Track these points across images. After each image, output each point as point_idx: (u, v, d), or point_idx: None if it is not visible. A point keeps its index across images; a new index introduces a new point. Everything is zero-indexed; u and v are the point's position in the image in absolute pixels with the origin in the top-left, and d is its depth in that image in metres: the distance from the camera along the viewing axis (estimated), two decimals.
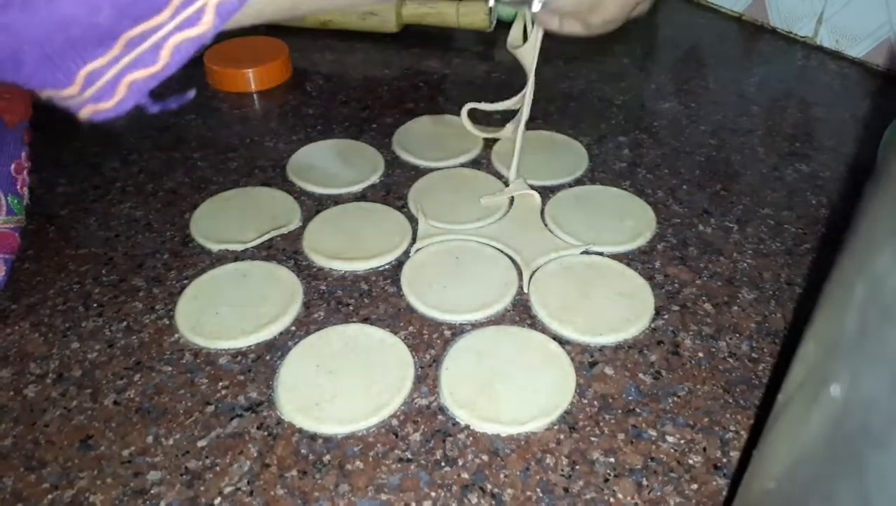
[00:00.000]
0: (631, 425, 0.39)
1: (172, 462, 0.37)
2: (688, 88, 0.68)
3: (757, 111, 0.64)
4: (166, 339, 0.44)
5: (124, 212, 0.54)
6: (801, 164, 0.58)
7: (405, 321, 0.45)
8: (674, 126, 0.63)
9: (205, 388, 0.41)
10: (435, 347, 0.43)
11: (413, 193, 0.55)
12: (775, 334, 0.44)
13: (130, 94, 0.24)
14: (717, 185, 0.56)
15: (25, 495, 0.36)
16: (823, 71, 0.70)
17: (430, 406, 0.40)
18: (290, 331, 0.44)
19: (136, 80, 0.24)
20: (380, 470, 0.37)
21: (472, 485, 0.36)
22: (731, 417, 0.39)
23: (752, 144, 0.60)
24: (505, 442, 0.38)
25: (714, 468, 0.37)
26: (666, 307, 0.45)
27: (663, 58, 0.74)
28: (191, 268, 0.49)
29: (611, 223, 0.51)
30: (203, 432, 0.39)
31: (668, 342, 0.43)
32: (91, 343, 0.44)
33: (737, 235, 0.51)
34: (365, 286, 0.47)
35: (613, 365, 0.42)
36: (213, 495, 0.36)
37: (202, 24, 0.24)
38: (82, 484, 0.36)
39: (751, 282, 0.47)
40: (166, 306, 0.46)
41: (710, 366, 0.42)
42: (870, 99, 0.66)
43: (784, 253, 0.49)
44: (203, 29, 0.24)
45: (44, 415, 0.40)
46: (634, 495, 0.36)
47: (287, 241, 0.51)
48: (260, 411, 0.40)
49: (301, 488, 0.36)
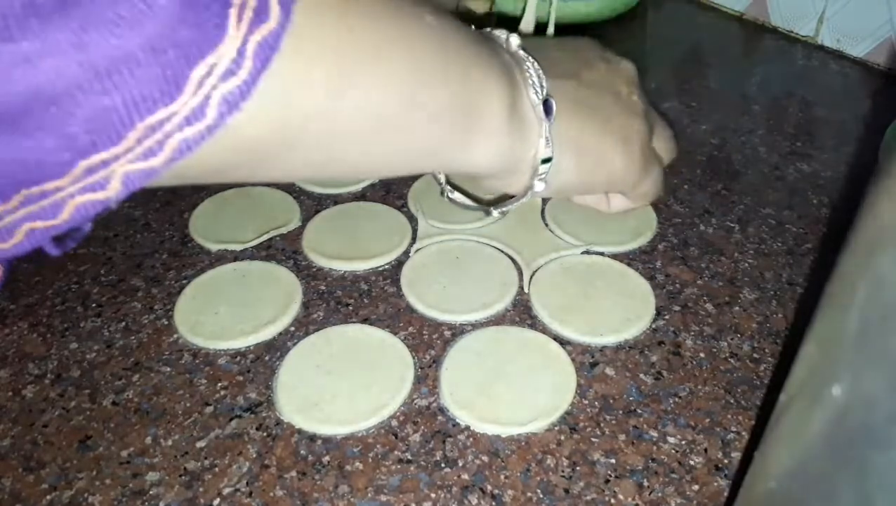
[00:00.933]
0: (632, 425, 0.39)
1: (171, 463, 0.37)
2: (688, 88, 0.68)
3: (758, 111, 0.64)
4: (165, 339, 0.44)
5: (123, 211, 0.54)
6: (803, 163, 0.58)
7: (405, 321, 0.45)
8: (674, 126, 0.63)
9: (204, 388, 0.41)
10: (435, 348, 0.43)
11: (413, 192, 0.55)
12: (777, 335, 0.44)
13: (28, 239, 0.23)
14: (718, 184, 0.56)
15: (24, 495, 0.36)
16: (824, 70, 0.70)
17: (430, 407, 0.40)
18: (289, 331, 0.44)
19: (35, 228, 0.22)
20: (379, 471, 0.37)
21: (473, 486, 0.36)
22: (732, 417, 0.39)
23: (753, 143, 0.60)
24: (505, 443, 0.38)
25: (715, 469, 0.37)
26: (667, 307, 0.45)
27: (663, 57, 0.74)
28: (190, 268, 0.49)
29: (611, 223, 0.51)
30: (202, 433, 0.39)
31: (669, 343, 0.43)
32: (90, 343, 0.44)
33: (738, 235, 0.51)
34: (365, 286, 0.47)
35: (614, 365, 0.42)
36: (212, 495, 0.36)
37: (108, 189, 0.22)
38: (81, 485, 0.36)
39: (752, 282, 0.47)
40: (165, 306, 0.46)
41: (711, 366, 0.42)
42: (871, 99, 0.66)
43: (785, 253, 0.49)
44: (109, 194, 0.22)
45: (42, 415, 0.40)
46: (635, 495, 0.36)
47: (286, 240, 0.51)
48: (259, 411, 0.40)
49: (300, 488, 0.36)
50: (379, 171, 0.36)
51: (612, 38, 0.74)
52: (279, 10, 0.23)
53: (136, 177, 0.22)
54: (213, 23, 0.21)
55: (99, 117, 0.20)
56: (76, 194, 0.22)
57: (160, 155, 0.22)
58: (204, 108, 0.22)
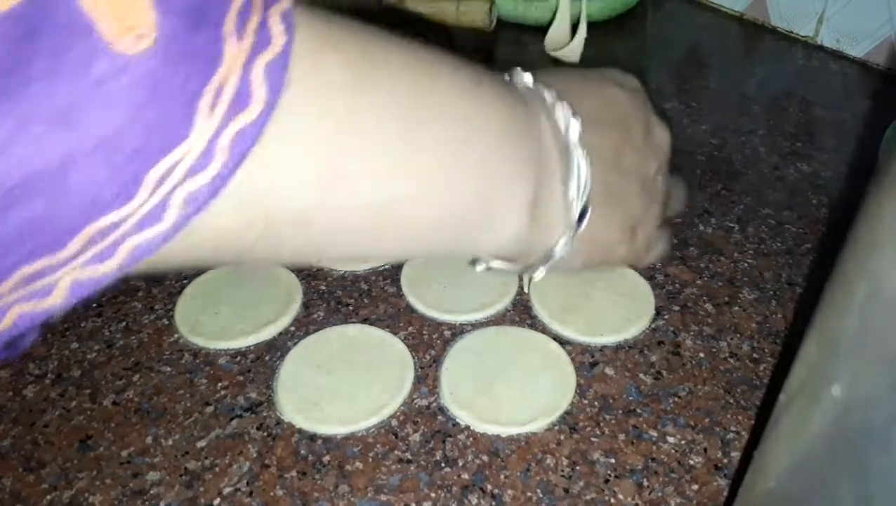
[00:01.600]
0: (631, 425, 0.39)
1: (171, 463, 0.37)
2: (688, 88, 0.68)
3: (757, 111, 0.64)
4: (165, 339, 0.44)
5: None
6: (802, 163, 0.58)
7: (405, 321, 0.45)
8: (674, 126, 0.63)
9: (204, 388, 0.41)
10: (435, 348, 0.43)
11: None
12: (776, 335, 0.44)
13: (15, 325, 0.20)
14: (718, 184, 0.56)
15: (24, 495, 0.36)
16: (824, 70, 0.70)
17: (430, 407, 0.40)
18: (289, 331, 0.44)
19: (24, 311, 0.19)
20: (379, 471, 0.37)
21: (473, 486, 0.36)
22: (731, 417, 0.39)
23: (753, 143, 0.60)
24: (505, 443, 0.38)
25: (715, 469, 0.37)
26: (666, 307, 0.45)
27: (663, 58, 0.74)
28: None
29: None
30: (202, 433, 0.39)
31: (669, 343, 0.43)
32: (90, 343, 0.44)
33: (737, 235, 0.51)
34: (365, 286, 0.47)
35: (614, 365, 0.42)
36: (212, 495, 0.36)
37: (54, 296, 0.19)
38: (81, 484, 0.36)
39: (752, 282, 0.47)
40: (165, 306, 0.46)
41: (710, 366, 0.42)
42: (871, 99, 0.66)
43: (785, 253, 0.49)
44: (54, 301, 0.19)
45: (43, 415, 0.40)
46: (635, 495, 0.36)
47: None
48: (259, 411, 0.40)
49: (301, 488, 0.36)
50: (380, 258, 0.32)
51: (612, 38, 0.74)
52: (266, 93, 0.19)
53: (85, 284, 0.19)
54: (180, 115, 0.18)
55: (38, 220, 0.17)
56: (16, 303, 0.19)
57: (112, 260, 0.19)
58: (163, 210, 0.19)
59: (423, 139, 0.24)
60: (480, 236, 0.29)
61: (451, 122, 0.25)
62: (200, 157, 0.18)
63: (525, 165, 0.28)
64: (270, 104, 0.19)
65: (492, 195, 0.27)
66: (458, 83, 0.26)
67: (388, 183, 0.24)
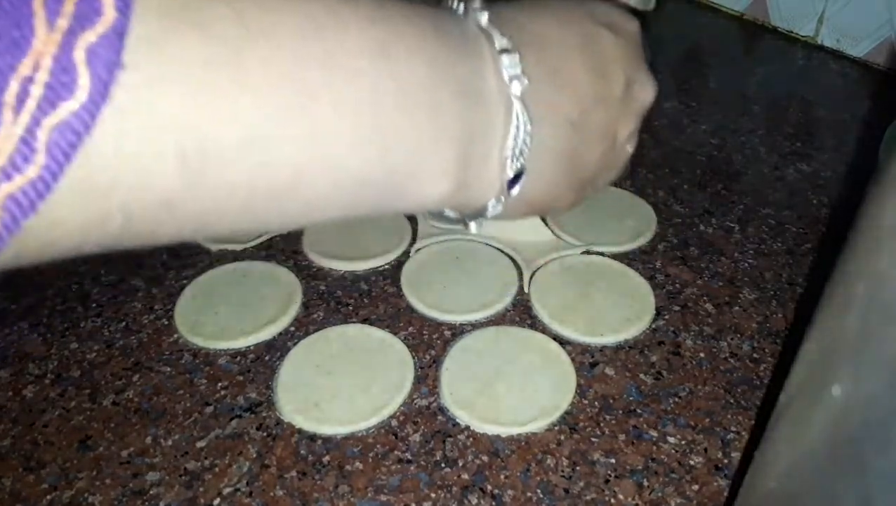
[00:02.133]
0: (632, 425, 0.39)
1: (171, 463, 0.37)
2: (688, 88, 0.68)
3: (758, 111, 0.64)
4: (165, 339, 0.44)
5: None
6: (802, 163, 0.58)
7: (405, 321, 0.45)
8: (674, 126, 0.63)
9: (204, 388, 0.41)
10: (435, 348, 0.43)
11: None
12: (776, 335, 0.44)
13: None
14: (718, 184, 0.56)
15: (24, 495, 0.36)
16: (824, 70, 0.70)
17: (430, 407, 0.40)
18: (289, 331, 0.44)
19: None
20: (379, 471, 0.37)
21: (473, 486, 0.36)
22: (732, 417, 0.39)
23: (753, 143, 0.60)
24: (505, 443, 0.38)
25: (715, 469, 0.37)
26: (667, 307, 0.45)
27: (663, 58, 0.74)
28: (190, 268, 0.49)
29: (611, 223, 0.51)
30: (202, 433, 0.39)
31: (669, 343, 0.43)
32: (90, 343, 0.44)
33: (738, 235, 0.51)
34: (365, 286, 0.47)
35: (614, 365, 0.42)
36: (212, 495, 0.36)
37: None
38: (81, 485, 0.36)
39: (752, 282, 0.47)
40: (165, 307, 0.46)
41: (711, 366, 0.42)
42: (871, 99, 0.66)
43: (785, 253, 0.49)
44: None
45: (42, 415, 0.40)
46: (635, 495, 0.36)
47: (286, 240, 0.51)
48: (259, 411, 0.40)
49: (300, 488, 0.36)
50: (299, 224, 0.26)
51: None
52: (90, 79, 0.16)
53: None
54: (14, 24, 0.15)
55: None
56: None
57: None
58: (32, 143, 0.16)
59: (312, 109, 0.21)
60: (395, 202, 0.25)
61: (350, 84, 0.21)
62: (14, 155, 0.16)
63: (454, 122, 0.24)
64: (99, 92, 0.16)
65: (406, 160, 0.24)
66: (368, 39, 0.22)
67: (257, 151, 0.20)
